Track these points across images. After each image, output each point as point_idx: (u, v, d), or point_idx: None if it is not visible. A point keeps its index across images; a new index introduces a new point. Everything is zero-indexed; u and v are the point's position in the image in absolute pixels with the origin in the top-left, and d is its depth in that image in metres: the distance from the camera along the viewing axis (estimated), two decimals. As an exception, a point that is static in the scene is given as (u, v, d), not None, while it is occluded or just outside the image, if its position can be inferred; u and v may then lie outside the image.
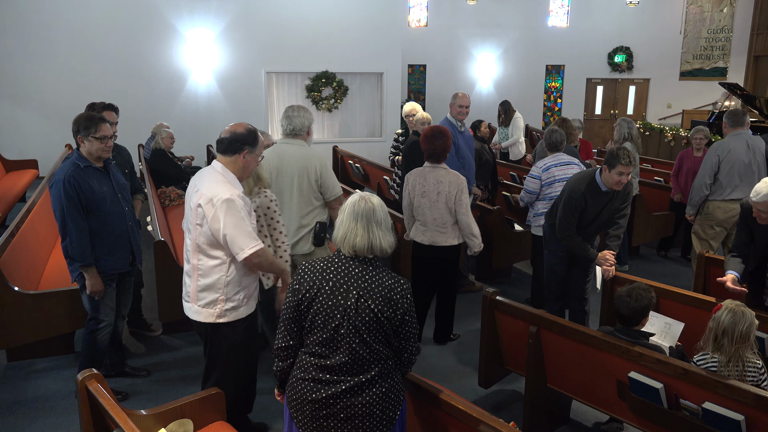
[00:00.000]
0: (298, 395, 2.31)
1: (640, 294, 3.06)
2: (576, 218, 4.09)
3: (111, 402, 2.44)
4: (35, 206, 5.33)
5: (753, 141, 5.22)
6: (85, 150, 3.51)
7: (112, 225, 3.58)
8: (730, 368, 2.79)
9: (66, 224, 3.43)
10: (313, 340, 2.27)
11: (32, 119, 10.44)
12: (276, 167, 3.82)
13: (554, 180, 4.90)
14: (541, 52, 15.20)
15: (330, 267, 2.27)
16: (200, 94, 11.08)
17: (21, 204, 8.06)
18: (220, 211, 2.79)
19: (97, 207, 3.50)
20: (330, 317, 2.21)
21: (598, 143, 14.33)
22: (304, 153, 3.85)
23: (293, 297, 2.28)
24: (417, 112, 6.20)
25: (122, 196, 3.69)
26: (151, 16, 10.58)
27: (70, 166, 3.47)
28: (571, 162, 4.96)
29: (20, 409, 3.75)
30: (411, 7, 14.69)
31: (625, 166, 3.81)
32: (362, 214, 2.26)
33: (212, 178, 2.92)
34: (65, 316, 4.08)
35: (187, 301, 3.04)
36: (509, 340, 3.66)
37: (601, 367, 3.10)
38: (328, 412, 2.26)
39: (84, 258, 3.48)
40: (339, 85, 11.69)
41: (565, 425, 3.69)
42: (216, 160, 3.03)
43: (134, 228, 3.77)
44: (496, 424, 2.33)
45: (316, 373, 2.26)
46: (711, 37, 15.57)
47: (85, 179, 3.46)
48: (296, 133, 3.88)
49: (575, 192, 4.04)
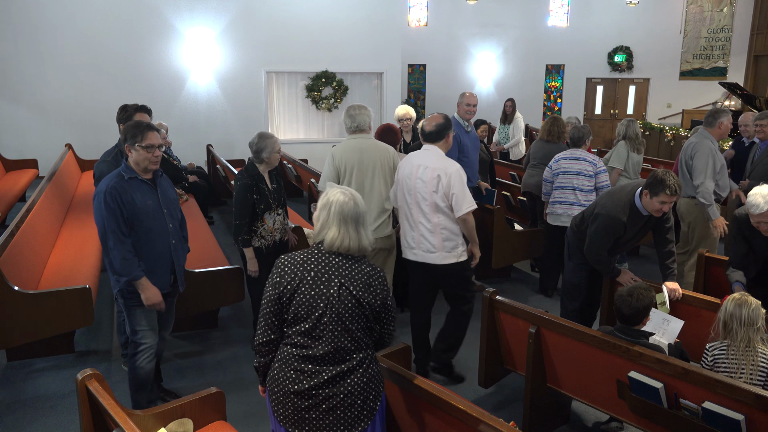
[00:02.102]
0: (279, 387, 2.33)
1: (641, 293, 3.06)
2: (611, 244, 3.85)
3: (111, 401, 2.44)
4: (35, 206, 5.32)
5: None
6: (132, 160, 3.28)
7: (152, 242, 3.31)
8: (743, 355, 2.87)
9: (107, 238, 3.20)
10: (295, 330, 2.29)
11: (32, 119, 10.44)
12: (358, 159, 4.24)
13: (559, 171, 5.26)
14: (541, 52, 15.20)
15: (310, 258, 2.31)
16: (200, 94, 11.08)
17: (21, 204, 8.07)
18: (453, 179, 3.68)
19: (138, 222, 3.25)
20: (313, 307, 2.25)
21: (598, 143, 14.32)
22: (379, 145, 4.35)
23: (274, 290, 2.29)
24: (412, 116, 6.16)
25: (168, 211, 3.42)
26: (151, 16, 10.58)
27: (114, 177, 3.26)
28: (582, 158, 5.16)
29: (20, 409, 3.75)
30: (411, 6, 14.69)
31: (670, 195, 3.51)
32: (352, 217, 2.30)
33: (436, 157, 3.79)
34: (65, 316, 4.08)
35: (433, 252, 3.82)
36: (509, 340, 3.66)
37: (601, 366, 3.10)
38: (311, 403, 2.29)
39: (130, 271, 3.21)
40: (339, 85, 11.69)
41: (564, 425, 3.69)
42: (428, 145, 3.86)
43: (178, 246, 3.48)
44: (496, 423, 2.33)
45: (298, 363, 2.29)
46: (711, 37, 15.56)
47: (128, 191, 3.22)
48: (362, 128, 4.33)
49: (616, 222, 3.74)
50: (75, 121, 10.45)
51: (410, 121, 6.18)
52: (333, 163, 4.27)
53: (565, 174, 5.22)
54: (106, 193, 3.18)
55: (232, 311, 5.22)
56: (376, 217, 4.27)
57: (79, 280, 4.38)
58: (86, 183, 8.40)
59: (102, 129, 10.77)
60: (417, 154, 3.91)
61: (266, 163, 4.19)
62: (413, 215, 3.85)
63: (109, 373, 4.18)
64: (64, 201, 6.73)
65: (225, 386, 3.95)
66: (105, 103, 10.68)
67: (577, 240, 4.16)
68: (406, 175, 3.87)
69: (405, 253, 3.99)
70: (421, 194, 3.77)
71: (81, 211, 6.59)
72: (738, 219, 3.68)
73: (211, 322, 4.92)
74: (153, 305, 3.31)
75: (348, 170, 4.24)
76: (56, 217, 5.95)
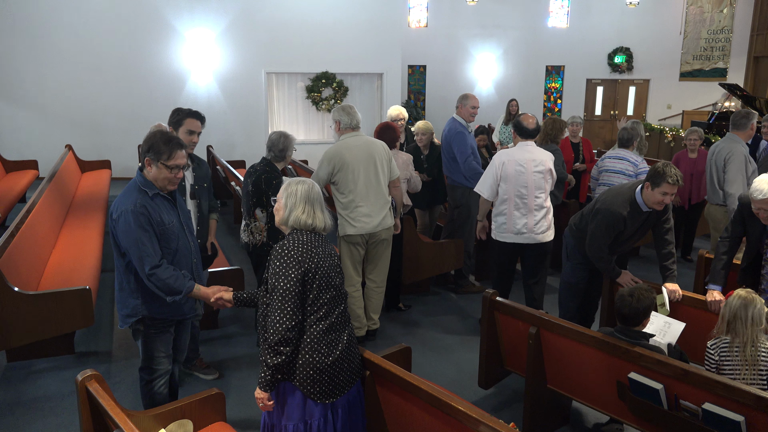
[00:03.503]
0: (314, 367, 2.53)
1: (642, 294, 3.06)
2: (611, 240, 3.85)
3: (111, 402, 2.44)
4: (35, 207, 5.33)
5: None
6: (151, 175, 2.92)
7: (178, 264, 3.01)
8: (746, 352, 2.91)
9: (143, 263, 2.83)
10: (321, 303, 2.55)
11: (32, 120, 10.45)
12: (361, 155, 4.35)
13: (604, 169, 5.42)
14: (541, 53, 15.21)
15: (309, 238, 2.57)
16: (200, 95, 11.09)
17: (21, 204, 8.07)
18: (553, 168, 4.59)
19: (166, 243, 2.94)
20: (330, 276, 2.58)
21: (598, 144, 14.33)
22: (375, 141, 4.53)
23: (297, 270, 2.47)
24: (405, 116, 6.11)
25: (188, 228, 3.15)
26: (151, 17, 10.59)
27: (136, 192, 2.89)
28: (625, 158, 5.30)
29: (20, 410, 3.75)
30: (411, 7, 14.70)
31: (672, 185, 3.52)
32: (317, 199, 2.63)
33: (539, 151, 4.56)
34: (65, 317, 4.07)
35: (545, 232, 4.54)
36: (509, 341, 3.66)
37: (601, 367, 3.10)
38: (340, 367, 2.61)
39: (183, 284, 2.93)
40: (339, 86, 11.70)
41: (564, 426, 3.68)
42: (528, 141, 4.57)
43: (199, 265, 3.21)
44: (496, 424, 2.33)
45: (325, 336, 2.56)
46: (711, 38, 15.57)
47: (156, 209, 2.91)
48: (359, 125, 4.47)
49: (616, 216, 3.74)
50: (75, 121, 10.46)
51: (403, 122, 6.13)
52: (329, 163, 4.32)
53: (608, 172, 5.36)
54: (134, 212, 2.82)
55: (232, 312, 5.22)
56: (381, 208, 4.41)
57: (79, 281, 4.38)
58: (86, 184, 8.41)
59: (102, 130, 10.79)
60: (516, 151, 4.56)
61: (285, 161, 4.36)
62: (528, 204, 4.50)
63: (108, 374, 4.18)
64: (65, 202, 6.73)
65: (225, 387, 3.96)
66: (105, 104, 10.70)
67: (576, 239, 4.16)
68: (516, 172, 4.49)
69: (510, 239, 4.57)
70: (537, 185, 4.50)
71: (81, 212, 6.59)
72: (741, 201, 3.69)
73: (211, 323, 4.91)
74: (221, 301, 3.03)
75: (350, 168, 4.30)
76: (56, 218, 5.95)
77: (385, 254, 4.58)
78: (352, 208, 4.34)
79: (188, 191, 3.70)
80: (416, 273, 5.38)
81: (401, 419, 2.80)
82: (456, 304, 5.55)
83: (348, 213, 4.36)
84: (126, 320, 3.04)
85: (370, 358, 2.81)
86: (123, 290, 3.02)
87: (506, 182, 4.52)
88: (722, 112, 12.01)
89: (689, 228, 6.88)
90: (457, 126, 5.43)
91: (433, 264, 5.44)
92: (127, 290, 3.00)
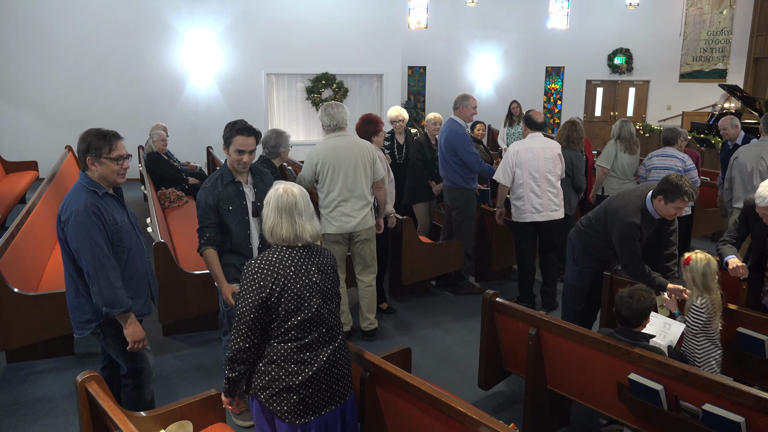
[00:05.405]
0: (278, 384, 2.39)
1: (642, 295, 3.06)
2: (640, 249, 3.74)
3: (110, 403, 2.44)
4: (35, 208, 5.33)
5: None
6: (96, 174, 2.88)
7: (134, 263, 2.99)
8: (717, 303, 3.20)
9: (95, 264, 2.77)
10: (288, 326, 2.37)
11: (32, 121, 10.45)
12: (340, 157, 4.37)
13: (653, 167, 5.53)
14: (540, 54, 15.22)
15: (281, 256, 2.39)
16: (200, 96, 11.10)
17: (21, 205, 8.08)
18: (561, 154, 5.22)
19: (119, 242, 2.90)
20: (302, 298, 2.38)
21: (598, 145, 14.32)
22: (359, 142, 4.53)
23: (257, 295, 2.31)
24: (404, 117, 6.13)
25: (137, 226, 3.12)
26: (151, 18, 10.60)
27: (85, 193, 2.84)
28: (673, 155, 5.47)
29: (20, 411, 3.75)
30: (411, 8, 14.72)
31: (687, 201, 3.50)
32: (285, 207, 2.40)
33: (547, 140, 5.14)
34: (65, 318, 4.07)
35: (557, 210, 5.12)
36: (509, 342, 3.66)
37: (601, 368, 3.10)
38: (314, 389, 2.42)
39: (122, 301, 2.84)
40: (339, 87, 11.71)
41: (565, 427, 3.68)
42: (537, 132, 5.14)
43: (150, 264, 3.20)
44: (495, 426, 2.33)
45: (297, 355, 2.39)
46: (711, 39, 15.58)
47: (107, 209, 2.87)
48: (340, 126, 4.44)
49: (632, 227, 3.68)
50: (75, 122, 10.46)
51: (403, 123, 6.11)
52: (311, 163, 4.39)
53: (657, 169, 5.45)
54: (85, 212, 2.77)
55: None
56: (361, 209, 4.45)
57: (79, 282, 4.38)
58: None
59: (102, 131, 10.76)
60: (527, 141, 5.11)
61: (281, 158, 4.41)
62: (541, 186, 5.04)
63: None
64: (64, 203, 6.72)
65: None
66: (105, 105, 10.70)
67: (583, 243, 4.10)
68: (530, 159, 5.03)
69: (529, 218, 5.08)
70: (549, 169, 5.06)
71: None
72: (747, 203, 3.70)
73: (210, 324, 4.91)
74: (137, 342, 2.93)
75: (330, 168, 4.35)
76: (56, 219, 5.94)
77: (369, 254, 4.62)
78: (333, 208, 4.42)
79: (250, 209, 3.42)
80: (417, 274, 5.42)
81: (401, 420, 2.79)
82: (456, 305, 5.55)
83: (328, 212, 4.44)
84: (86, 326, 2.95)
85: (370, 358, 2.81)
86: (81, 296, 2.92)
87: (521, 168, 5.03)
88: (722, 113, 12.01)
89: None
90: (458, 128, 5.42)
91: (433, 265, 5.49)
92: (85, 295, 2.90)
